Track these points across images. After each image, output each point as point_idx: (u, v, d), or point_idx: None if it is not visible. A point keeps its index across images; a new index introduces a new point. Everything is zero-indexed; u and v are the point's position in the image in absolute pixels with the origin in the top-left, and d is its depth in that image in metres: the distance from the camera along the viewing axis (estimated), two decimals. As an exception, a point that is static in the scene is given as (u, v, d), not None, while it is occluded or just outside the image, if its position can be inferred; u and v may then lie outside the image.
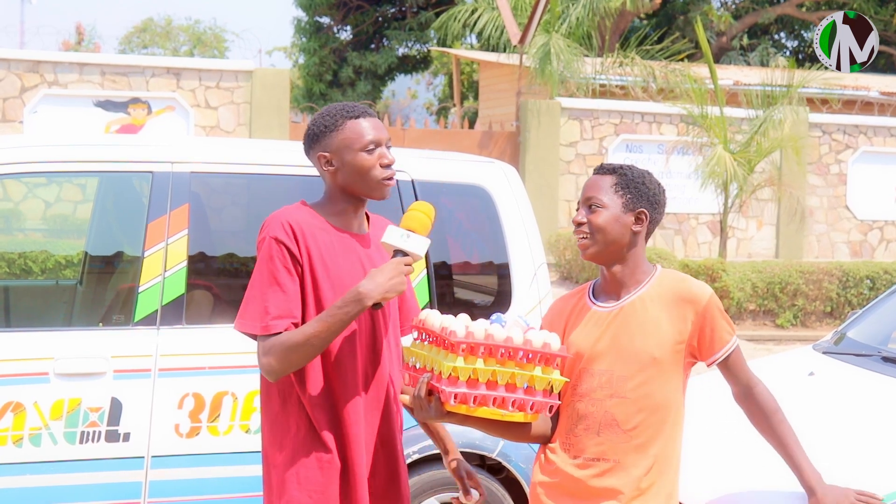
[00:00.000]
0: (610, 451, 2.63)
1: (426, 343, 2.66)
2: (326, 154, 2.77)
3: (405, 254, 2.67)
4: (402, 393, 2.68)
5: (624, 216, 2.69)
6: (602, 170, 2.76)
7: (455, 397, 2.49)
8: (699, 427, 3.41)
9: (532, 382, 2.57)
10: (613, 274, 2.73)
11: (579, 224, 2.71)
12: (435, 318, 2.62)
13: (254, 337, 2.71)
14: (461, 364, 2.49)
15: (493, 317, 2.66)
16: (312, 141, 2.80)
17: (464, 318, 2.61)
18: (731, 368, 2.73)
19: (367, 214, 2.91)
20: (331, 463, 2.73)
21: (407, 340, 2.88)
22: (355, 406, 2.75)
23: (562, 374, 2.62)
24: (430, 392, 2.55)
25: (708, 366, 2.74)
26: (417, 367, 2.67)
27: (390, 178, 2.78)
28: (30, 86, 12.60)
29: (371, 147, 2.75)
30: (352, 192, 2.78)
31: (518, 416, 2.58)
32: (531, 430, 2.72)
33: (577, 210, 2.75)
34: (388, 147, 2.81)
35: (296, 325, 2.67)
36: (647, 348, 2.65)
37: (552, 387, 2.60)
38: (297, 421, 2.75)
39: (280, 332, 2.65)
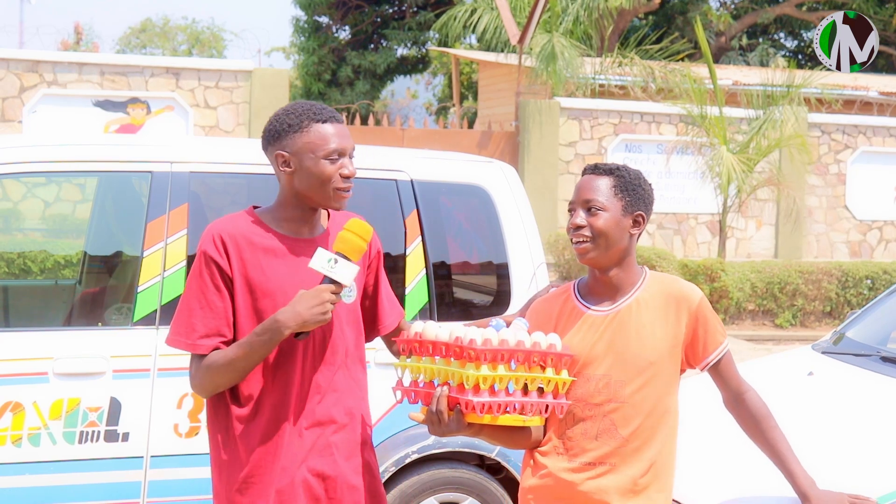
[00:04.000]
0: (607, 455, 2.61)
1: (427, 356, 2.57)
2: (285, 154, 2.64)
3: (332, 281, 2.55)
4: (411, 413, 2.59)
5: (623, 219, 2.64)
6: (598, 170, 2.68)
7: (482, 407, 2.45)
8: (697, 430, 3.40)
9: (543, 384, 2.56)
10: (610, 278, 2.68)
11: (578, 227, 2.63)
12: (439, 330, 2.55)
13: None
14: (486, 372, 2.44)
15: (493, 322, 2.61)
16: (272, 138, 2.65)
17: (460, 326, 2.57)
18: (721, 373, 2.70)
19: (328, 212, 2.79)
20: (251, 484, 2.62)
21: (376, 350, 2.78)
22: (288, 423, 2.62)
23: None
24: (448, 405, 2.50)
25: (701, 370, 2.72)
26: (420, 380, 2.59)
27: (348, 190, 2.65)
28: (29, 85, 12.60)
29: (334, 156, 2.62)
30: (306, 198, 2.66)
31: (536, 420, 2.56)
32: (531, 434, 2.70)
33: (572, 212, 2.67)
34: (352, 157, 2.67)
35: (225, 343, 2.60)
36: (644, 353, 2.62)
37: (557, 388, 2.58)
38: (224, 438, 2.66)
39: (206, 354, 2.59)
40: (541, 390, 2.56)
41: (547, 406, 2.55)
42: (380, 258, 2.88)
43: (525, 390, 2.53)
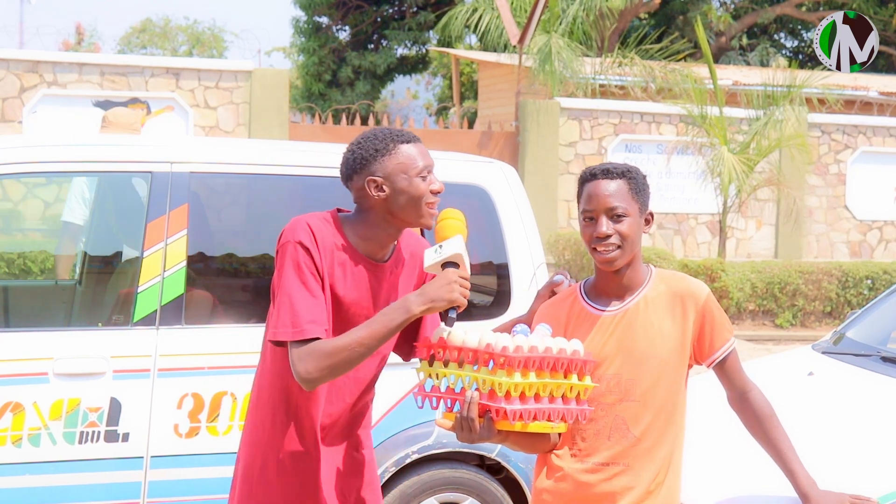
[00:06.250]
0: (620, 455, 2.62)
1: (452, 362, 2.55)
2: (377, 178, 2.62)
3: (453, 264, 2.57)
4: (440, 418, 2.57)
5: (640, 221, 2.66)
6: (610, 174, 2.63)
7: (515, 415, 2.44)
8: (699, 428, 3.41)
9: (566, 391, 2.55)
10: (622, 278, 2.68)
11: (606, 236, 2.60)
12: (466, 336, 2.53)
13: (282, 344, 2.60)
14: (519, 380, 2.43)
15: (518, 328, 2.60)
16: (359, 166, 2.64)
17: (487, 331, 2.57)
18: (727, 371, 2.71)
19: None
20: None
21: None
22: (305, 447, 2.73)
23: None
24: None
25: (707, 367, 2.72)
26: (442, 388, 2.57)
27: (435, 205, 2.68)
28: (29, 86, 12.59)
29: (425, 173, 2.65)
30: (401, 219, 2.66)
31: (562, 427, 2.56)
32: (551, 439, 2.70)
33: (593, 220, 2.63)
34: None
35: (326, 333, 2.57)
36: (653, 351, 2.63)
37: (579, 394, 2.57)
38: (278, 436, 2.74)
39: (315, 339, 2.53)
40: (563, 396, 2.55)
41: (573, 413, 2.55)
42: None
43: (550, 397, 2.52)
